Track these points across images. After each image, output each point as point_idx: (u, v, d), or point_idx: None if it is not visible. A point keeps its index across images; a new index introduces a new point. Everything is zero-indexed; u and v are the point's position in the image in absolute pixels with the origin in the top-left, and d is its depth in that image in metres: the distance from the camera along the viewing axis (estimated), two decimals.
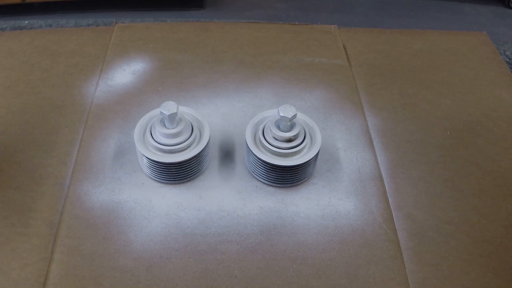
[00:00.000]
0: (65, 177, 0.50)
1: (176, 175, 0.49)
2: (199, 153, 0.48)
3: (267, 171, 0.48)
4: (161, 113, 0.46)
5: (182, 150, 0.48)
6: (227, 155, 0.53)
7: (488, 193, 0.51)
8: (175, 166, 0.47)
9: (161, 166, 0.47)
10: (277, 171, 0.48)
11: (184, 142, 0.48)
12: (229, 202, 0.49)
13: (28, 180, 0.49)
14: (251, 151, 0.48)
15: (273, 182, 0.49)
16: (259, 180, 0.50)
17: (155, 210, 0.47)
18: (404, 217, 0.48)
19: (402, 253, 0.45)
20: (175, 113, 0.46)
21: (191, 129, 0.49)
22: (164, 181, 0.49)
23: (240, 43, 0.68)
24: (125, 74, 0.62)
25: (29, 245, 0.44)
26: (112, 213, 0.47)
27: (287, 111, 0.46)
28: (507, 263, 0.45)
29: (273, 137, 0.48)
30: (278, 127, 0.48)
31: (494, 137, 0.56)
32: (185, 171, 0.49)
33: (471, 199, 0.50)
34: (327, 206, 0.49)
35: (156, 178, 0.50)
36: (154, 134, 0.48)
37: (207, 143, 0.49)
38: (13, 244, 0.44)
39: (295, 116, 0.46)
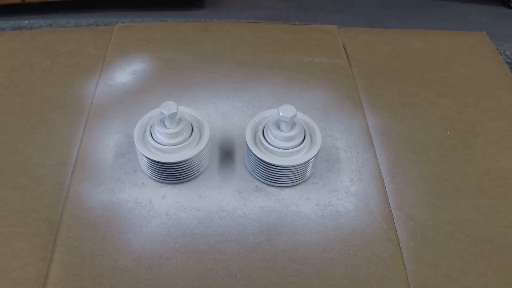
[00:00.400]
0: (65, 177, 0.50)
1: (176, 175, 0.49)
2: (199, 153, 0.48)
3: (267, 171, 0.48)
4: (161, 113, 0.46)
5: (182, 150, 0.48)
6: (227, 155, 0.53)
7: (488, 193, 0.51)
8: (175, 166, 0.47)
9: (161, 166, 0.47)
10: (277, 171, 0.48)
11: (184, 142, 0.48)
12: (229, 202, 0.49)
13: (28, 180, 0.49)
14: (251, 151, 0.48)
15: (273, 182, 0.49)
16: (259, 180, 0.50)
17: (155, 210, 0.47)
18: (404, 217, 0.48)
19: (402, 253, 0.45)
20: (175, 113, 0.46)
21: (191, 129, 0.49)
22: (164, 181, 0.49)
23: (240, 43, 0.68)
24: (125, 74, 0.62)
25: (29, 245, 0.44)
26: (112, 213, 0.47)
27: (287, 111, 0.46)
28: (507, 263, 0.45)
29: (273, 137, 0.48)
30: (278, 127, 0.48)
31: (494, 137, 0.56)
32: (185, 171, 0.49)
33: (471, 199, 0.50)
34: (327, 206, 0.49)
35: (156, 178, 0.50)
36: (154, 134, 0.48)
37: (207, 143, 0.49)
38: (13, 244, 0.44)
39: (295, 116, 0.46)
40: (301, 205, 0.49)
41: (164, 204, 0.48)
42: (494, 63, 0.67)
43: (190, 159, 0.48)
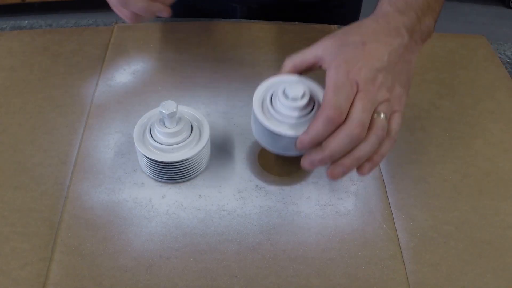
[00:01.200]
0: (65, 177, 0.50)
1: (176, 175, 0.49)
2: (198, 152, 0.48)
3: (274, 140, 0.44)
4: (161, 112, 0.46)
5: (182, 150, 0.48)
6: (227, 154, 0.53)
7: (487, 194, 0.51)
8: (175, 165, 0.48)
9: (161, 165, 0.47)
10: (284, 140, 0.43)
11: (183, 141, 0.48)
12: (229, 201, 0.49)
13: (28, 180, 0.50)
14: (258, 120, 0.43)
15: (280, 150, 0.45)
16: (266, 148, 0.46)
17: (155, 210, 0.48)
18: (404, 217, 0.48)
19: (402, 253, 0.45)
20: (175, 112, 0.46)
21: (190, 128, 0.49)
22: (164, 180, 0.50)
23: (240, 43, 0.68)
24: (125, 74, 0.62)
25: (29, 245, 0.44)
26: (112, 213, 0.47)
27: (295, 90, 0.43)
28: (506, 263, 0.45)
29: (282, 104, 0.43)
30: (287, 96, 0.43)
31: (492, 138, 0.56)
32: (185, 171, 0.49)
33: (471, 200, 0.50)
34: (327, 205, 0.49)
35: (156, 178, 0.50)
36: (153, 134, 0.48)
37: (207, 142, 0.49)
38: (13, 244, 0.44)
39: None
40: (301, 204, 0.49)
41: (164, 204, 0.48)
42: (493, 65, 0.67)
43: (190, 158, 0.48)
